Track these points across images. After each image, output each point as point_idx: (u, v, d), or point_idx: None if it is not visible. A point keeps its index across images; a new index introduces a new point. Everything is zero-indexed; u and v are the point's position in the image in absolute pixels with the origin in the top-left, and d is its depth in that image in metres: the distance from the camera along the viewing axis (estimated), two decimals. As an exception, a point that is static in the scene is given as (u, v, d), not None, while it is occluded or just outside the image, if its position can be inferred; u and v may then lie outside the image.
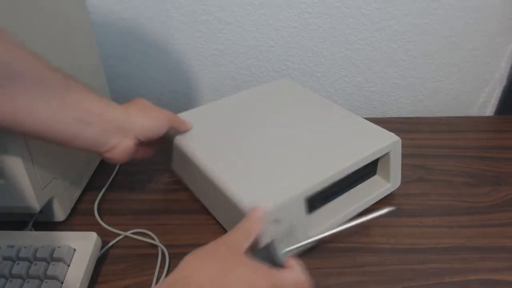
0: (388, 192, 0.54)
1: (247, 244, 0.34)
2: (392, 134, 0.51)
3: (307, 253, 0.46)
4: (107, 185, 0.57)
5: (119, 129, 0.43)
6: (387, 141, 0.50)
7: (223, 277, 0.30)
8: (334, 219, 0.48)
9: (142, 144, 0.47)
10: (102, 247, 0.47)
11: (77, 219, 0.52)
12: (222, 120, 0.56)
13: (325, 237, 0.36)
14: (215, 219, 0.51)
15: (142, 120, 0.45)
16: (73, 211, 0.53)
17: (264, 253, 0.34)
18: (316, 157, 0.47)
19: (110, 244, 0.48)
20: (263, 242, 0.36)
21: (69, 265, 0.42)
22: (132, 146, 0.45)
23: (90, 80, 0.60)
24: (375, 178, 0.54)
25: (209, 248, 0.33)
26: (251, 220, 0.36)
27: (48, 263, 0.42)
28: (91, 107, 0.41)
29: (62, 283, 0.41)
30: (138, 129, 0.44)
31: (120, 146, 0.44)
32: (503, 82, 0.77)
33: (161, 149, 0.55)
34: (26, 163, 0.42)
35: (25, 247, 0.43)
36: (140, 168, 0.61)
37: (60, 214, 0.50)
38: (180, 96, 0.80)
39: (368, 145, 0.49)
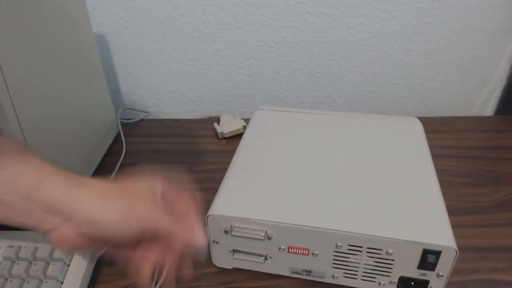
0: None
1: None
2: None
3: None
4: (107, 185, 0.57)
5: (54, 212, 0.32)
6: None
7: None
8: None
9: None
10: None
11: (77, 219, 0.52)
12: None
13: None
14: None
15: (92, 211, 0.32)
16: (73, 211, 0.53)
17: None
18: None
19: (110, 244, 0.48)
20: None
21: (69, 265, 0.42)
22: (72, 237, 0.32)
23: (90, 81, 0.60)
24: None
25: None
26: None
27: (48, 263, 0.42)
28: (9, 186, 0.31)
29: (62, 283, 0.41)
30: (82, 220, 0.32)
31: (56, 233, 0.32)
32: (503, 82, 0.77)
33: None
34: (26, 163, 0.42)
35: (25, 247, 0.43)
36: (141, 168, 0.61)
37: (60, 214, 0.50)
38: (180, 96, 0.80)
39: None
